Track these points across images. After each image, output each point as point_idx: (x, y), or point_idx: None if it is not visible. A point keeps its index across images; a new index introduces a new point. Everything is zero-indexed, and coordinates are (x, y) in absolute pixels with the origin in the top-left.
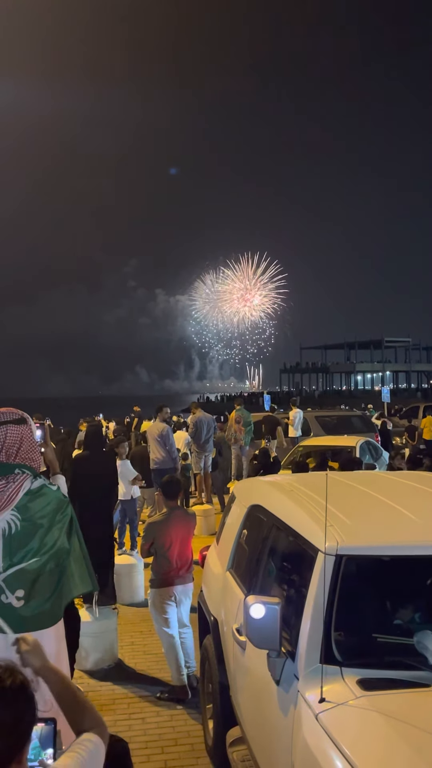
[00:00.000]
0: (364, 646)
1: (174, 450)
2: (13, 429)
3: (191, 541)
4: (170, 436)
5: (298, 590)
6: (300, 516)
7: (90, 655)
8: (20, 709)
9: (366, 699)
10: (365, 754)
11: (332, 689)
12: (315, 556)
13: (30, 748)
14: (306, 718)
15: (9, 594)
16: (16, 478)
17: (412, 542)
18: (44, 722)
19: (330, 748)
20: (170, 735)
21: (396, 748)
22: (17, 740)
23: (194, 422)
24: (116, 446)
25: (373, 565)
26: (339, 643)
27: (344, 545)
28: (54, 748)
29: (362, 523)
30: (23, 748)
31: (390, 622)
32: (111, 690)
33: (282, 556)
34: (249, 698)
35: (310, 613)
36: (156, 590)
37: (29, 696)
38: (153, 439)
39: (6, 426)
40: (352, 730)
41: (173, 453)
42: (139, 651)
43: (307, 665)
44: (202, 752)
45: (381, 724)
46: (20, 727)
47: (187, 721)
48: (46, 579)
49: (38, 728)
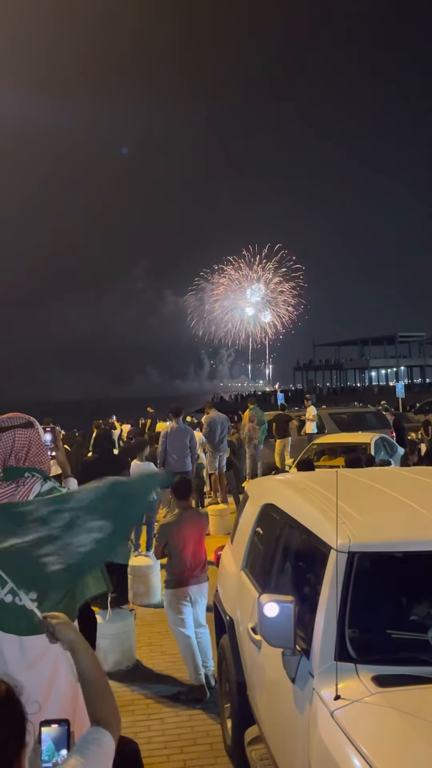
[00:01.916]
0: (379, 642)
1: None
2: (20, 433)
3: (204, 541)
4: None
5: (311, 588)
6: (312, 514)
7: (108, 656)
8: (8, 718)
9: (381, 696)
10: (381, 751)
11: (347, 686)
12: (327, 554)
13: (44, 750)
14: (321, 716)
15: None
16: (26, 482)
17: (425, 538)
18: (58, 723)
19: (346, 745)
20: (189, 735)
21: (412, 744)
22: (12, 747)
23: (208, 422)
24: (138, 449)
25: (386, 561)
26: (353, 640)
27: (356, 542)
28: (68, 749)
29: (375, 520)
30: (20, 754)
31: (404, 618)
32: (129, 691)
33: (295, 555)
34: (265, 697)
35: (324, 610)
36: (171, 591)
37: (14, 702)
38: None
39: (14, 430)
40: (368, 727)
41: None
42: (156, 651)
43: (321, 663)
44: (221, 752)
45: (396, 721)
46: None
47: (205, 720)
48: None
49: (52, 730)
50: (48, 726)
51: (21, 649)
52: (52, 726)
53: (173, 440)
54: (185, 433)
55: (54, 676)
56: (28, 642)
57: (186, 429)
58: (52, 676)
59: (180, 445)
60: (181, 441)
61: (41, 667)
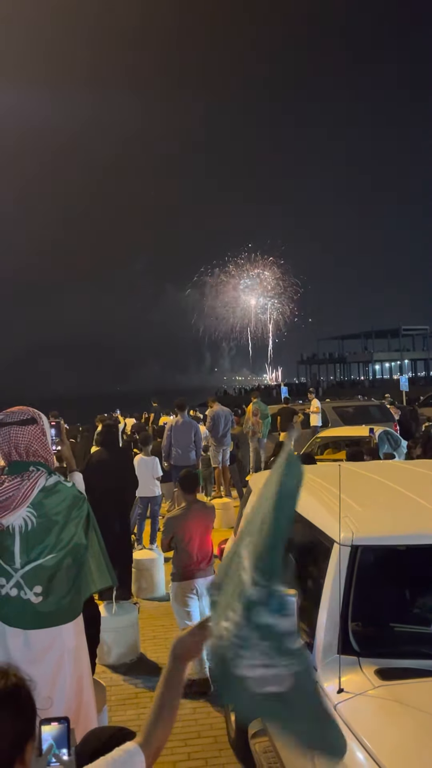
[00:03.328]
0: (382, 635)
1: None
2: (17, 430)
3: (211, 534)
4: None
5: (314, 581)
6: (315, 507)
7: (112, 649)
8: (16, 711)
9: (384, 689)
10: (384, 744)
11: (350, 679)
12: (330, 547)
13: (44, 749)
14: None
15: (27, 590)
16: (31, 475)
17: (428, 531)
18: (57, 721)
19: (349, 739)
20: (193, 728)
21: (415, 737)
22: (17, 741)
23: (212, 416)
24: (145, 443)
25: (389, 554)
26: (356, 634)
27: (359, 535)
28: (68, 747)
29: (377, 513)
30: (24, 748)
31: (407, 611)
32: (133, 684)
33: (298, 548)
34: None
35: (327, 604)
36: (177, 584)
37: (25, 696)
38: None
39: (10, 427)
40: (371, 720)
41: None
42: (161, 645)
43: (324, 656)
44: (224, 744)
45: (400, 714)
46: (18, 728)
47: (209, 713)
48: (64, 575)
49: (52, 728)
50: (48, 724)
51: (26, 643)
52: (53, 724)
53: (178, 434)
54: (190, 427)
55: (59, 671)
56: (33, 636)
57: (191, 423)
58: (56, 670)
59: (185, 439)
60: (186, 435)
61: (46, 662)
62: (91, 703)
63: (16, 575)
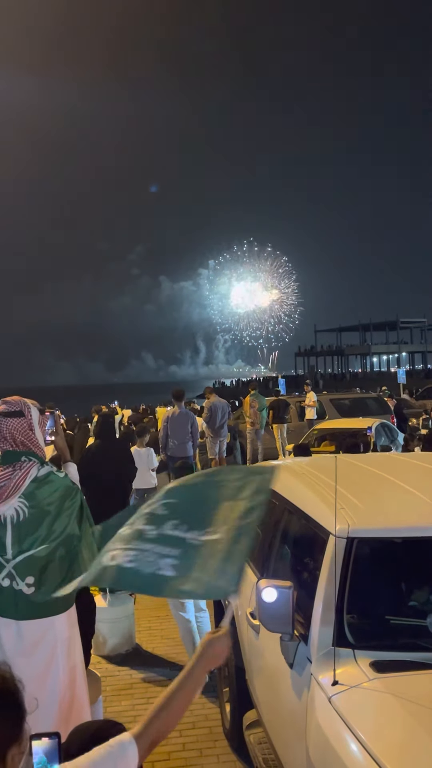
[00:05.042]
0: (377, 628)
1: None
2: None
3: None
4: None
5: (310, 573)
6: (311, 499)
7: (107, 640)
8: (6, 711)
9: (379, 681)
10: (379, 736)
11: (345, 672)
12: (326, 539)
13: (35, 763)
14: (319, 701)
15: (19, 581)
16: (23, 466)
17: (424, 524)
18: (48, 737)
19: (343, 731)
20: (188, 718)
21: (409, 730)
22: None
23: (209, 407)
24: (140, 435)
25: (385, 547)
26: (351, 626)
27: (355, 528)
28: (59, 763)
29: (374, 506)
30: (6, 753)
31: (403, 603)
32: (129, 674)
33: (294, 540)
34: (264, 682)
35: (322, 596)
36: None
37: (10, 698)
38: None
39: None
40: (365, 713)
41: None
42: (156, 636)
43: (319, 648)
44: (219, 735)
45: (394, 706)
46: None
47: (204, 704)
48: (57, 565)
49: (42, 743)
50: (39, 739)
51: (18, 634)
52: (43, 739)
53: (174, 425)
54: (187, 418)
55: (51, 661)
56: (25, 626)
57: (188, 414)
58: (49, 661)
59: (181, 431)
60: (182, 426)
61: (39, 652)
62: (84, 693)
63: (8, 566)
